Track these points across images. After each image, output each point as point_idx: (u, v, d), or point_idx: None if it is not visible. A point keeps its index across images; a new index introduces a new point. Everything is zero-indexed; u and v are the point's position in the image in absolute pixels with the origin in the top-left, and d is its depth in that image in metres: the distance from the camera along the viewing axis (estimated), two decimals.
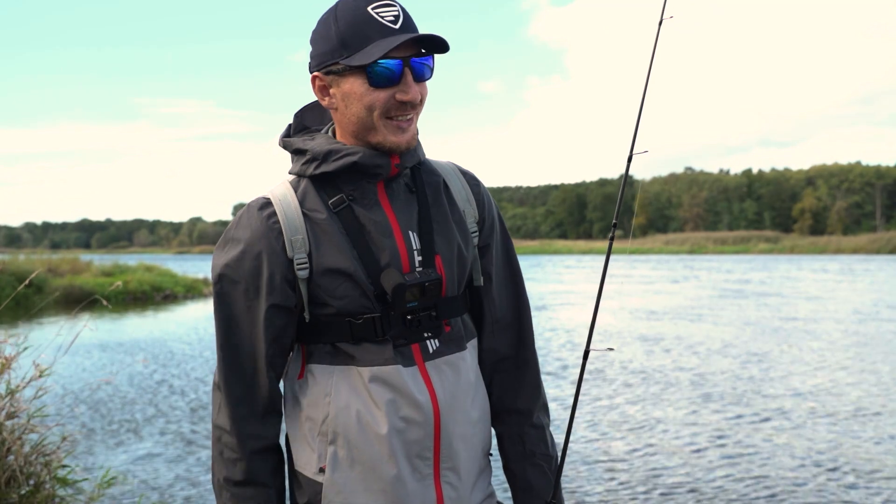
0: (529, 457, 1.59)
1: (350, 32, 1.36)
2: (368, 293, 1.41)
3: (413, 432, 1.42)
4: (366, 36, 1.35)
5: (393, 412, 1.40)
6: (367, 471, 1.41)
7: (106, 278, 24.83)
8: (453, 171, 1.59)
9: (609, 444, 6.57)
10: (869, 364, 10.28)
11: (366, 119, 1.40)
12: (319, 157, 1.43)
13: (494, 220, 1.61)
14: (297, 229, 1.41)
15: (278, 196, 1.44)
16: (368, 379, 1.40)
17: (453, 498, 1.48)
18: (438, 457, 1.45)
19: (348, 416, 1.41)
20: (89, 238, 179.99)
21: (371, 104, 1.38)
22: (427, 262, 1.45)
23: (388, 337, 1.42)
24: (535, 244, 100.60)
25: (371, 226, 1.43)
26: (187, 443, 6.87)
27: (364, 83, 1.37)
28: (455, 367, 1.48)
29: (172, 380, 10.11)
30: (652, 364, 10.51)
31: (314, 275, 1.41)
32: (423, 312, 1.44)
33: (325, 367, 1.44)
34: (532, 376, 1.61)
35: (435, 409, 1.43)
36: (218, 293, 1.44)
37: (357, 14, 1.36)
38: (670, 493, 5.28)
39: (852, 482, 5.47)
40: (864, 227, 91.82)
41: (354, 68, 1.36)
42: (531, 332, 1.64)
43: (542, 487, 1.59)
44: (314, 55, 1.43)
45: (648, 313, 17.46)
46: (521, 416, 1.60)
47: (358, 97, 1.38)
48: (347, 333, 1.42)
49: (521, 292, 1.63)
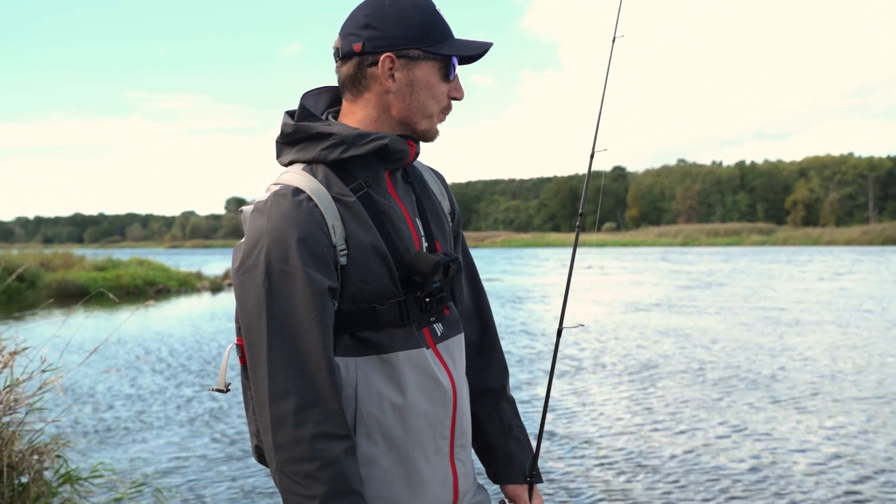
0: (508, 430, 1.68)
1: (432, 25, 1.43)
2: (395, 277, 1.43)
3: (437, 413, 1.46)
4: (445, 31, 1.45)
5: (423, 395, 1.43)
6: (400, 456, 1.43)
7: (98, 273, 24.75)
8: (424, 167, 1.64)
9: (576, 422, 6.60)
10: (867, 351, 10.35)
11: (429, 107, 1.46)
12: (349, 140, 1.41)
13: (457, 214, 1.68)
14: (335, 215, 1.38)
15: (303, 184, 1.38)
16: (398, 364, 1.42)
17: (463, 473, 1.54)
18: (454, 435, 1.51)
19: (378, 403, 1.41)
20: (82, 233, 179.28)
21: (438, 95, 1.46)
22: (431, 248, 1.51)
23: (411, 321, 1.45)
24: (528, 237, 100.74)
25: (389, 211, 1.45)
26: (186, 438, 6.87)
27: (437, 74, 1.45)
28: (459, 349, 1.55)
29: (170, 375, 10.10)
30: (623, 348, 10.56)
31: (350, 261, 1.39)
32: (439, 295, 1.49)
33: (348, 358, 1.41)
34: (498, 356, 1.71)
35: (453, 388, 1.49)
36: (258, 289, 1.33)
37: (431, 10, 1.45)
38: (644, 470, 5.31)
39: (835, 464, 5.51)
40: (857, 218, 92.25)
41: (433, 58, 1.43)
42: (492, 315, 1.73)
43: (523, 458, 1.67)
44: (384, 36, 1.41)
45: (625, 304, 17.52)
46: (494, 394, 1.69)
47: (428, 86, 1.44)
48: (371, 321, 1.41)
49: (478, 280, 1.72)
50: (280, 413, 1.30)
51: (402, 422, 1.42)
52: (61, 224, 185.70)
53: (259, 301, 1.33)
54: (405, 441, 1.42)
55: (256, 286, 1.33)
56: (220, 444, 6.53)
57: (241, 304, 1.36)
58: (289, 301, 1.32)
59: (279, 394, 1.31)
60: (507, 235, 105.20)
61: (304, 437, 1.29)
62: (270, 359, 1.32)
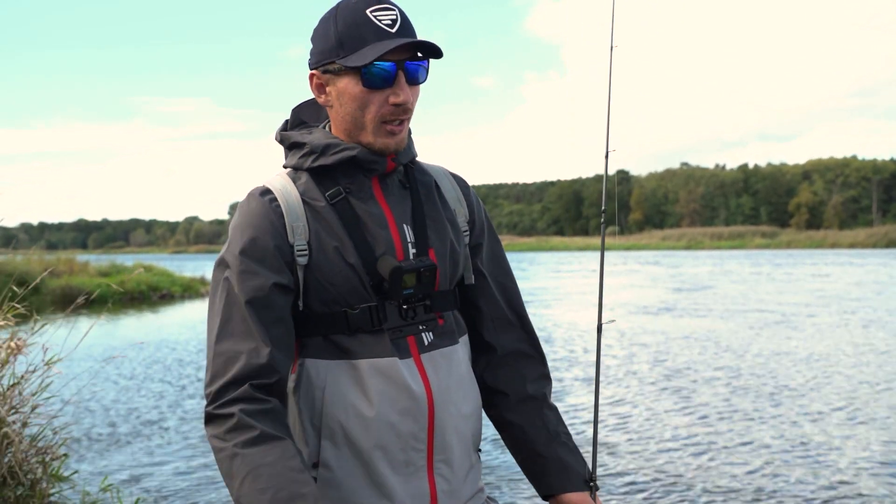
0: (555, 437, 1.61)
1: (347, 33, 1.40)
2: (364, 282, 1.43)
3: (408, 424, 1.43)
4: (362, 38, 1.39)
5: (388, 404, 1.41)
6: (362, 464, 1.42)
7: (103, 278, 24.77)
8: (444, 173, 1.64)
9: (622, 426, 6.58)
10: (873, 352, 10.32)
11: (359, 119, 1.44)
12: (318, 150, 1.46)
13: (484, 222, 1.66)
14: (297, 216, 1.43)
15: (277, 185, 1.46)
16: (364, 371, 1.41)
17: (446, 490, 1.49)
18: (432, 449, 1.46)
19: (343, 409, 1.41)
20: (86, 238, 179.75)
21: (364, 105, 1.42)
22: (421, 254, 1.48)
23: (385, 328, 1.43)
24: (532, 241, 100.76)
25: (367, 217, 1.46)
26: (188, 446, 6.86)
27: (358, 84, 1.41)
28: (449, 360, 1.50)
29: (173, 380, 10.10)
30: (650, 352, 10.55)
31: (312, 262, 1.42)
32: (418, 302, 1.47)
33: (318, 360, 1.43)
34: (539, 363, 1.66)
35: (430, 401, 1.44)
36: (219, 278, 1.42)
37: (356, 16, 1.40)
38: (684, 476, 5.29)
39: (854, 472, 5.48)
40: (861, 221, 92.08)
41: (350, 69, 1.40)
42: (530, 323, 1.69)
43: (577, 464, 1.60)
44: (313, 53, 1.46)
45: (641, 308, 17.49)
46: (536, 402, 1.63)
47: (352, 97, 1.42)
48: (343, 325, 1.42)
49: (515, 289, 1.69)
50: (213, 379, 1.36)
51: (366, 430, 1.41)
52: (65, 230, 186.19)
53: (212, 293, 1.43)
54: (369, 449, 1.41)
55: (216, 278, 1.43)
56: None
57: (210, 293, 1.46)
58: (229, 294, 1.39)
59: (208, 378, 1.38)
60: (511, 239, 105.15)
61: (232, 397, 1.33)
62: (209, 346, 1.40)
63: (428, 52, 1.43)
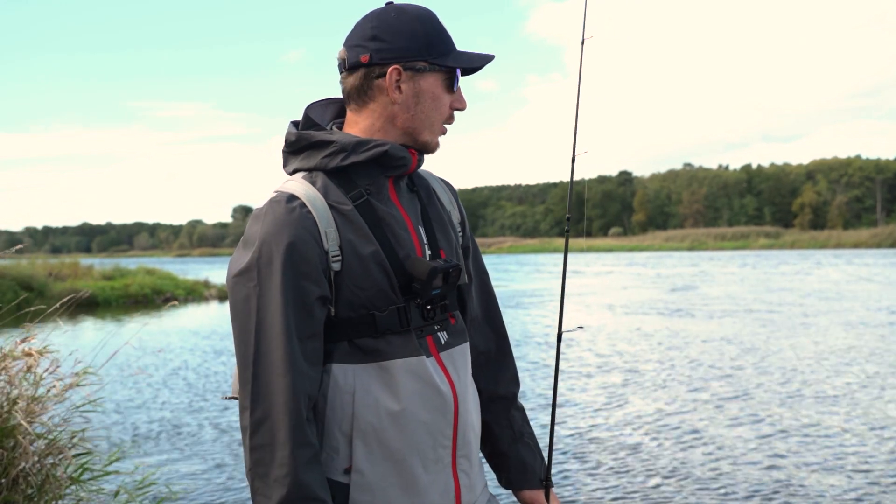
0: (519, 438, 1.70)
1: (437, 38, 1.47)
2: (394, 283, 1.43)
3: (438, 422, 1.45)
4: (447, 44, 1.48)
5: (419, 403, 1.43)
6: (396, 465, 1.42)
7: (107, 282, 24.83)
8: (434, 177, 1.66)
9: (585, 424, 6.59)
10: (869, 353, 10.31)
11: (433, 118, 1.49)
12: (349, 147, 1.44)
13: (467, 225, 1.69)
14: (328, 221, 1.40)
15: (300, 191, 1.41)
16: (396, 371, 1.42)
17: (467, 485, 1.53)
18: (456, 445, 1.49)
19: (375, 411, 1.41)
20: (90, 242, 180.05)
21: (441, 105, 1.48)
22: (435, 256, 1.51)
23: (411, 328, 1.45)
24: (535, 242, 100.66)
25: (389, 219, 1.46)
26: (202, 451, 6.88)
27: (442, 85, 1.47)
28: (464, 358, 1.54)
29: (191, 385, 10.12)
30: (621, 350, 10.54)
31: (345, 267, 1.40)
32: (441, 302, 1.49)
33: (346, 365, 1.42)
34: (510, 365, 1.73)
35: (454, 397, 1.48)
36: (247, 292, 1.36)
37: (435, 24, 1.48)
38: (650, 470, 5.30)
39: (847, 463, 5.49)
40: (865, 221, 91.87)
41: (438, 69, 1.46)
42: (503, 325, 1.74)
43: (536, 465, 1.70)
44: (391, 48, 1.44)
45: (623, 307, 17.49)
46: (505, 402, 1.70)
47: (433, 97, 1.47)
48: (371, 327, 1.42)
49: (490, 289, 1.74)
50: (245, 419, 1.35)
51: (400, 430, 1.41)
52: (69, 234, 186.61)
53: (243, 306, 1.36)
54: (402, 449, 1.42)
55: (245, 290, 1.36)
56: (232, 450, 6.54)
57: (232, 307, 1.39)
58: (263, 309, 1.35)
59: (246, 400, 1.35)
60: (514, 241, 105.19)
61: (272, 442, 1.33)
62: (243, 365, 1.36)
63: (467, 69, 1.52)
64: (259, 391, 1.34)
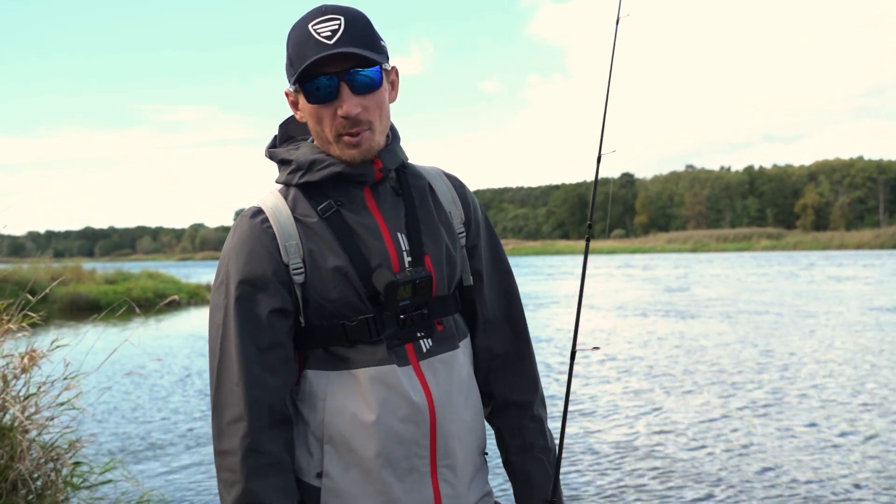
0: (529, 449, 1.61)
1: (294, 52, 1.40)
2: (361, 294, 1.43)
3: (410, 431, 1.43)
4: (304, 54, 1.37)
5: (389, 412, 1.41)
6: (365, 472, 1.42)
7: (109, 286, 24.84)
8: (438, 174, 1.61)
9: (601, 438, 6.56)
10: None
11: (320, 134, 1.44)
12: (304, 166, 1.46)
13: (480, 222, 1.63)
14: (290, 235, 1.43)
15: (269, 204, 1.47)
16: (364, 380, 1.41)
17: (450, 496, 1.49)
18: (435, 455, 1.46)
19: (343, 418, 1.41)
20: (92, 246, 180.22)
21: (319, 120, 1.42)
22: (416, 262, 1.47)
23: (383, 337, 1.43)
24: (537, 245, 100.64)
25: (360, 229, 1.45)
26: (198, 456, 6.87)
27: (307, 100, 1.42)
28: (449, 366, 1.49)
29: (188, 391, 10.11)
30: (639, 358, 10.52)
31: (308, 278, 1.42)
32: (416, 311, 1.46)
33: (319, 371, 1.45)
34: (528, 370, 1.64)
35: (430, 407, 1.45)
36: (219, 302, 1.43)
37: (301, 32, 1.39)
38: (666, 483, 5.28)
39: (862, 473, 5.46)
40: (868, 222, 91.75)
41: (299, 87, 1.41)
42: (525, 327, 1.66)
43: (542, 480, 1.59)
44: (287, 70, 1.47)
45: (636, 310, 17.46)
46: (519, 410, 1.62)
47: (309, 114, 1.43)
48: (342, 336, 1.43)
49: (511, 290, 1.65)
50: (214, 424, 1.42)
51: (369, 438, 1.41)
52: (72, 238, 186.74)
53: (213, 317, 1.44)
54: (373, 458, 1.41)
55: (215, 301, 1.44)
56: None
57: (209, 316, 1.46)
58: (226, 321, 1.41)
59: (214, 406, 1.42)
60: (516, 243, 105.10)
61: (228, 450, 1.38)
62: (210, 374, 1.44)
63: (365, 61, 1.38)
64: (220, 400, 1.40)
